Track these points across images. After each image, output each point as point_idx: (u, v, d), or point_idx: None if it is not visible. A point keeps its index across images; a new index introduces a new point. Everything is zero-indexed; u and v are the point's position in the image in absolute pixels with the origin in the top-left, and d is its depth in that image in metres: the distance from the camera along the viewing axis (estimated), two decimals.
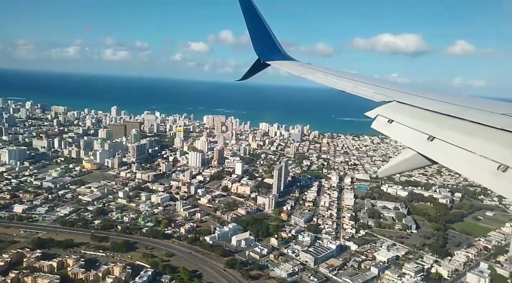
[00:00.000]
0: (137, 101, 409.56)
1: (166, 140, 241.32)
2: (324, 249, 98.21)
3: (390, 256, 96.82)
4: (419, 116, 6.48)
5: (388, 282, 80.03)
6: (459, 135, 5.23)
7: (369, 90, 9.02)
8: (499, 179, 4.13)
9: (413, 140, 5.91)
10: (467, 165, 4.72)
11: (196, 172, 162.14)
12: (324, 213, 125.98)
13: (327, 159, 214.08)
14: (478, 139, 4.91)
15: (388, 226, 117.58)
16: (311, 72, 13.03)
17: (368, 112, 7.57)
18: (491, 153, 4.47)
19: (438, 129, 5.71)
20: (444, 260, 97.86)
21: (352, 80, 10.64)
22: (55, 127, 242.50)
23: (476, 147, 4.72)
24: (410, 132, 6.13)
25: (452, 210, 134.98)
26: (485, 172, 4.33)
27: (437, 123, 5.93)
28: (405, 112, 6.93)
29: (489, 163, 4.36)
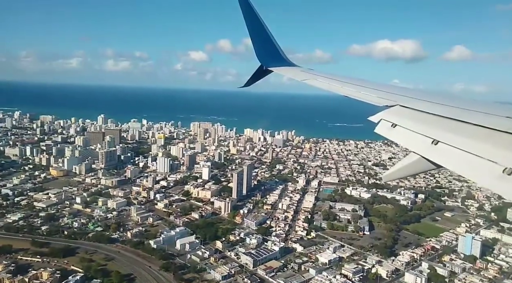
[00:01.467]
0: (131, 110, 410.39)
1: (145, 147, 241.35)
2: (267, 251, 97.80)
3: (333, 257, 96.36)
4: (423, 120, 6.48)
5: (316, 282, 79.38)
6: (464, 138, 5.20)
7: (372, 94, 9.02)
8: (504, 183, 4.08)
9: (417, 144, 5.87)
10: (472, 168, 4.68)
11: (161, 178, 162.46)
12: (280, 216, 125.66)
13: (303, 163, 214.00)
14: (482, 142, 4.87)
15: (341, 228, 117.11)
16: (313, 77, 13.05)
17: (371, 116, 7.55)
18: (496, 156, 4.43)
19: (442, 133, 5.69)
20: (388, 261, 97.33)
21: (355, 85, 10.65)
22: (36, 135, 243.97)
23: (481, 151, 4.70)
24: (414, 136, 6.10)
25: (412, 211, 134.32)
26: (490, 176, 4.29)
27: (441, 127, 5.92)
28: (408, 116, 6.93)
29: (494, 166, 4.31)
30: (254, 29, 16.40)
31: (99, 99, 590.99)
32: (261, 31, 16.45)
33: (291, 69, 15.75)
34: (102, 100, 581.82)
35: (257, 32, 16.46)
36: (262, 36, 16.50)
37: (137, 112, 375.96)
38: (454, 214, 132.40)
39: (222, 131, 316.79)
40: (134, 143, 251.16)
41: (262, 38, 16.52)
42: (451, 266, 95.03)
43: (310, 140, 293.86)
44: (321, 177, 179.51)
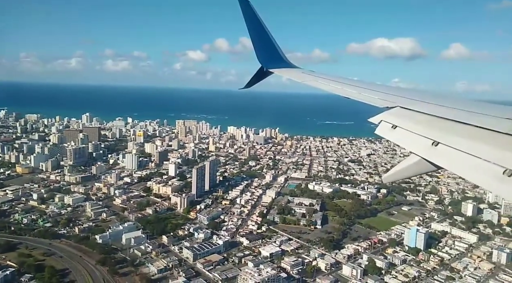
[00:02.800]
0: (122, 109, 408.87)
1: (123, 144, 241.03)
2: (210, 245, 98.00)
3: (275, 250, 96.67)
4: (423, 121, 6.47)
5: (245, 275, 79.49)
6: (464, 140, 5.20)
7: (372, 96, 9.06)
8: (505, 184, 4.07)
9: (417, 145, 5.86)
10: (472, 170, 4.68)
11: (126, 174, 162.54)
12: (236, 210, 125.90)
13: (278, 160, 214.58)
14: (483, 144, 4.87)
15: (293, 222, 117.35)
16: (314, 79, 13.13)
17: (372, 118, 7.56)
18: (496, 158, 4.43)
19: (442, 134, 5.68)
20: (331, 254, 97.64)
21: (355, 87, 10.69)
22: (16, 133, 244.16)
23: (481, 152, 4.68)
24: (414, 138, 6.09)
25: (370, 205, 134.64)
26: (490, 177, 4.29)
27: (441, 128, 5.92)
28: (409, 118, 6.94)
29: (494, 168, 4.30)
30: (255, 31, 16.55)
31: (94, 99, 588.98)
32: (262, 33, 16.61)
33: (291, 71, 15.90)
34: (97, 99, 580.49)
35: (258, 34, 16.62)
36: (263, 38, 16.67)
37: (129, 111, 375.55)
38: (412, 208, 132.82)
39: (207, 129, 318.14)
40: (114, 141, 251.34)
41: (263, 40, 16.70)
42: (392, 258, 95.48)
43: (293, 138, 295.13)
44: (290, 173, 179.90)
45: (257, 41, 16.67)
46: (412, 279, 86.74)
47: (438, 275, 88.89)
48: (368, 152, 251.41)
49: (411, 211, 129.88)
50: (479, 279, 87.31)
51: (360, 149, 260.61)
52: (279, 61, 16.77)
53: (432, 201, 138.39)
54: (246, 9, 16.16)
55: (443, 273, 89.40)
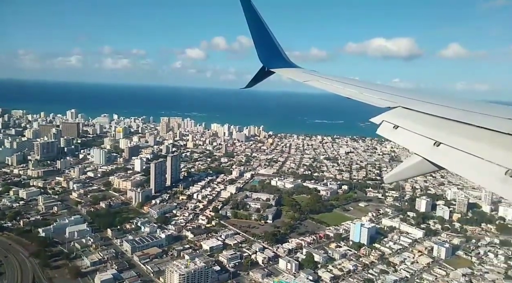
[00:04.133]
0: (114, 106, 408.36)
1: (99, 140, 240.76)
2: (153, 238, 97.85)
3: (216, 244, 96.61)
4: (425, 121, 6.44)
5: (172, 267, 79.27)
6: (466, 140, 5.17)
7: (374, 96, 9.01)
8: (507, 185, 4.06)
9: (419, 145, 5.84)
10: (474, 170, 4.66)
11: (92, 169, 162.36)
12: (191, 205, 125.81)
13: (253, 157, 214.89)
14: (485, 144, 4.85)
15: (245, 216, 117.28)
16: (315, 79, 13.04)
17: (373, 118, 7.50)
18: (498, 158, 4.40)
19: (444, 135, 5.65)
20: (273, 248, 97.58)
21: (356, 87, 10.64)
22: None
23: (483, 152, 4.66)
24: (416, 138, 6.06)
25: (328, 201, 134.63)
26: (492, 178, 4.27)
27: (443, 129, 5.88)
28: (410, 118, 6.90)
29: (496, 168, 4.29)
30: (256, 30, 16.47)
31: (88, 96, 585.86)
32: (263, 32, 16.56)
33: (293, 71, 15.83)
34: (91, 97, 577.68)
35: (259, 33, 16.55)
36: (264, 37, 16.61)
37: (119, 108, 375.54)
38: (369, 205, 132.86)
39: (191, 126, 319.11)
40: (94, 137, 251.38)
41: (264, 39, 16.63)
42: (333, 252, 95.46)
43: (277, 136, 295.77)
44: (259, 169, 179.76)
45: (258, 40, 16.62)
46: (346, 272, 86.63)
47: (374, 269, 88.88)
48: (348, 150, 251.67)
49: (367, 207, 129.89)
50: (413, 273, 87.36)
51: (340, 147, 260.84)
52: (281, 61, 16.77)
53: (392, 198, 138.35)
54: (248, 8, 16.11)
55: (379, 267, 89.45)
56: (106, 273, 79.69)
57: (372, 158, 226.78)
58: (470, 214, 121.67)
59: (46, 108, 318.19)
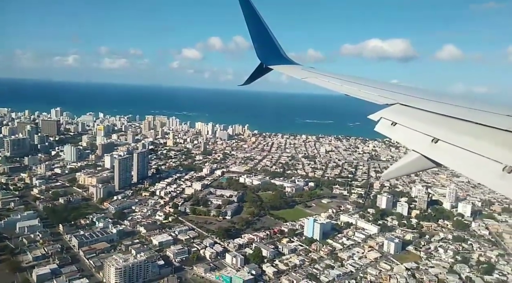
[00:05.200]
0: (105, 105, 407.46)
1: (78, 137, 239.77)
2: (103, 233, 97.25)
3: (166, 239, 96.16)
4: (423, 118, 6.44)
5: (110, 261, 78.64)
6: (464, 137, 5.14)
7: (372, 93, 8.97)
8: (504, 181, 4.07)
9: (417, 142, 5.84)
10: (471, 167, 4.65)
11: (59, 165, 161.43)
12: (152, 201, 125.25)
13: (230, 155, 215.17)
14: (482, 140, 4.82)
15: (203, 213, 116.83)
16: (313, 76, 12.84)
17: (372, 115, 7.48)
18: (496, 154, 4.39)
19: (442, 131, 5.63)
20: (225, 243, 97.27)
21: (355, 84, 10.59)
22: None
23: (481, 149, 4.65)
24: (414, 135, 6.07)
25: (292, 198, 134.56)
26: (490, 174, 4.28)
27: (441, 125, 5.87)
28: (408, 115, 6.89)
29: (494, 164, 4.29)
30: (254, 27, 16.32)
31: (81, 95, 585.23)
32: (261, 29, 16.39)
33: (291, 68, 15.67)
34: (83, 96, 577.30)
35: (257, 30, 16.39)
36: (262, 34, 16.45)
37: (109, 107, 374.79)
38: (332, 201, 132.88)
39: (176, 125, 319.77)
40: (74, 135, 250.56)
41: (262, 36, 16.47)
42: (283, 247, 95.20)
43: (262, 135, 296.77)
44: (231, 167, 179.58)
45: (256, 37, 16.46)
46: (291, 267, 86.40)
47: (321, 264, 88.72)
48: (329, 149, 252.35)
49: (330, 204, 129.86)
50: (358, 267, 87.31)
51: (322, 146, 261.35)
52: (279, 58, 16.56)
53: (356, 195, 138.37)
54: (246, 5, 16.02)
55: (326, 262, 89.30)
56: (44, 268, 78.95)
57: (351, 157, 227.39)
58: (430, 211, 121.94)
59: (34, 107, 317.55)
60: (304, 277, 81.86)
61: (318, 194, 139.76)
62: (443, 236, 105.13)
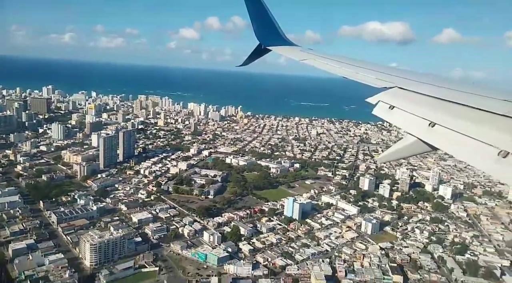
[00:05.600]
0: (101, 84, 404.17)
1: (68, 116, 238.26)
2: (83, 210, 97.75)
3: (145, 217, 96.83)
4: (421, 102, 6.42)
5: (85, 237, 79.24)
6: (461, 121, 5.16)
7: (370, 76, 8.91)
8: (499, 165, 4.06)
9: (414, 126, 5.85)
10: (467, 151, 4.64)
11: (46, 143, 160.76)
12: (136, 180, 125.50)
13: (221, 136, 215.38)
14: (479, 125, 4.82)
15: (186, 192, 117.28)
16: (312, 57, 12.69)
17: (369, 98, 7.43)
18: (492, 139, 4.39)
19: (439, 115, 5.64)
20: (204, 221, 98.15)
21: (353, 66, 10.50)
22: None
23: (477, 133, 4.64)
24: (411, 118, 6.08)
25: (276, 178, 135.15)
26: (485, 158, 4.27)
27: (438, 109, 5.86)
28: (406, 98, 6.89)
29: (490, 149, 4.28)
30: (253, 7, 16.11)
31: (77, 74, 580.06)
32: (260, 9, 16.15)
33: (290, 49, 15.44)
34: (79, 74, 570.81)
35: (256, 10, 16.15)
36: (261, 14, 16.17)
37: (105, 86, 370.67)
38: (315, 182, 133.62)
39: (169, 105, 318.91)
40: (64, 113, 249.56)
41: (261, 16, 16.17)
42: (261, 226, 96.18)
43: (255, 116, 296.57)
44: (219, 148, 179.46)
45: (255, 17, 16.13)
46: (268, 245, 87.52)
47: (297, 243, 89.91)
48: (321, 131, 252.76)
49: (313, 185, 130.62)
50: (334, 247, 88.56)
51: (314, 128, 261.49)
52: (278, 39, 16.25)
53: (340, 176, 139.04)
54: None
55: (303, 241, 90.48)
56: (21, 243, 79.65)
57: (341, 140, 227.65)
58: (411, 193, 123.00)
59: (26, 84, 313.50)
60: (279, 255, 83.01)
61: (302, 175, 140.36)
62: (421, 217, 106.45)
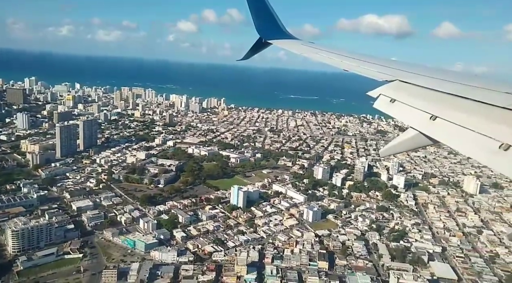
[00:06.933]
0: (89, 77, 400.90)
1: (43, 107, 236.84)
2: (22, 198, 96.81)
3: (85, 205, 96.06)
4: (422, 95, 6.40)
5: (9, 224, 78.52)
6: (462, 114, 5.12)
7: (372, 69, 8.88)
8: (500, 158, 4.05)
9: (415, 119, 5.83)
10: (469, 144, 4.61)
11: (7, 133, 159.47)
12: (89, 169, 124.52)
13: (194, 127, 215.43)
14: (480, 118, 4.79)
15: (136, 181, 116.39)
16: (313, 51, 12.63)
17: (371, 91, 7.40)
18: (493, 132, 4.37)
19: (440, 109, 5.61)
20: (146, 209, 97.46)
21: (354, 59, 10.47)
22: None
23: (478, 126, 4.61)
24: (412, 112, 6.05)
25: (235, 168, 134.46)
26: (486, 151, 4.24)
27: (439, 103, 5.82)
28: (408, 91, 6.84)
29: (490, 142, 4.25)
30: (253, 1, 16.10)
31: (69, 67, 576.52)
32: (260, 3, 16.13)
33: (291, 42, 15.30)
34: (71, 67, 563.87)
35: (256, 4, 16.12)
36: (261, 8, 16.10)
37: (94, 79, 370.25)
38: (272, 172, 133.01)
39: (152, 97, 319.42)
40: (42, 103, 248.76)
41: (262, 10, 16.10)
42: (202, 214, 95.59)
43: (237, 108, 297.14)
44: (187, 138, 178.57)
45: (256, 11, 16.01)
46: (203, 233, 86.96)
47: (234, 230, 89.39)
48: (300, 123, 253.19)
49: (269, 174, 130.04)
50: (270, 234, 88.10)
51: (295, 120, 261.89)
52: (278, 32, 16.08)
53: (298, 166, 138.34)
54: None
55: (240, 228, 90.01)
56: None
57: (318, 131, 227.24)
58: (365, 183, 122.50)
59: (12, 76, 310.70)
60: (211, 242, 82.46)
61: (262, 165, 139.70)
62: (368, 206, 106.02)
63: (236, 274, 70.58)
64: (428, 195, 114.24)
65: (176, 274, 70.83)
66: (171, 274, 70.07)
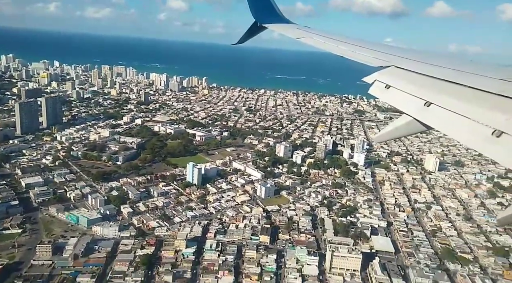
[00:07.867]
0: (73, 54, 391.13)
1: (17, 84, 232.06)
2: None
3: (35, 181, 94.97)
4: (417, 81, 6.38)
5: None
6: (456, 100, 5.13)
7: (367, 55, 8.90)
8: (493, 145, 4.09)
9: (409, 106, 5.82)
10: (462, 130, 4.61)
11: None
12: (48, 146, 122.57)
13: (169, 106, 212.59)
14: (474, 104, 4.80)
15: (95, 158, 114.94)
16: (309, 35, 12.70)
17: (366, 77, 7.39)
18: (486, 118, 4.38)
19: (435, 95, 5.61)
20: (98, 186, 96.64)
21: (350, 45, 10.43)
22: None
23: (472, 113, 4.63)
24: (407, 98, 6.03)
25: (199, 146, 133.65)
26: (479, 138, 4.27)
27: (434, 89, 5.83)
28: (402, 78, 6.84)
29: (484, 128, 4.28)
30: None
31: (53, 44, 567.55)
32: None
33: (286, 27, 15.14)
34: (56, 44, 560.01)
35: None
36: None
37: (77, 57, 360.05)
38: (236, 149, 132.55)
39: (133, 75, 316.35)
40: (16, 81, 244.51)
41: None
42: (154, 191, 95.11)
43: (219, 88, 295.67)
44: (156, 116, 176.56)
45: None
46: (150, 209, 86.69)
47: (184, 206, 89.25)
48: (279, 103, 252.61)
49: (233, 152, 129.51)
50: (219, 210, 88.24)
51: (274, 100, 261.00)
52: (274, 16, 15.98)
53: (264, 144, 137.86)
54: None
55: (190, 205, 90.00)
56: None
57: (296, 111, 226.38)
58: (326, 161, 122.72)
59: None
60: (157, 218, 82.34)
61: (227, 143, 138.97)
62: (325, 182, 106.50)
63: (175, 248, 70.76)
64: (387, 173, 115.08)
65: (115, 248, 70.78)
66: (109, 248, 69.97)
